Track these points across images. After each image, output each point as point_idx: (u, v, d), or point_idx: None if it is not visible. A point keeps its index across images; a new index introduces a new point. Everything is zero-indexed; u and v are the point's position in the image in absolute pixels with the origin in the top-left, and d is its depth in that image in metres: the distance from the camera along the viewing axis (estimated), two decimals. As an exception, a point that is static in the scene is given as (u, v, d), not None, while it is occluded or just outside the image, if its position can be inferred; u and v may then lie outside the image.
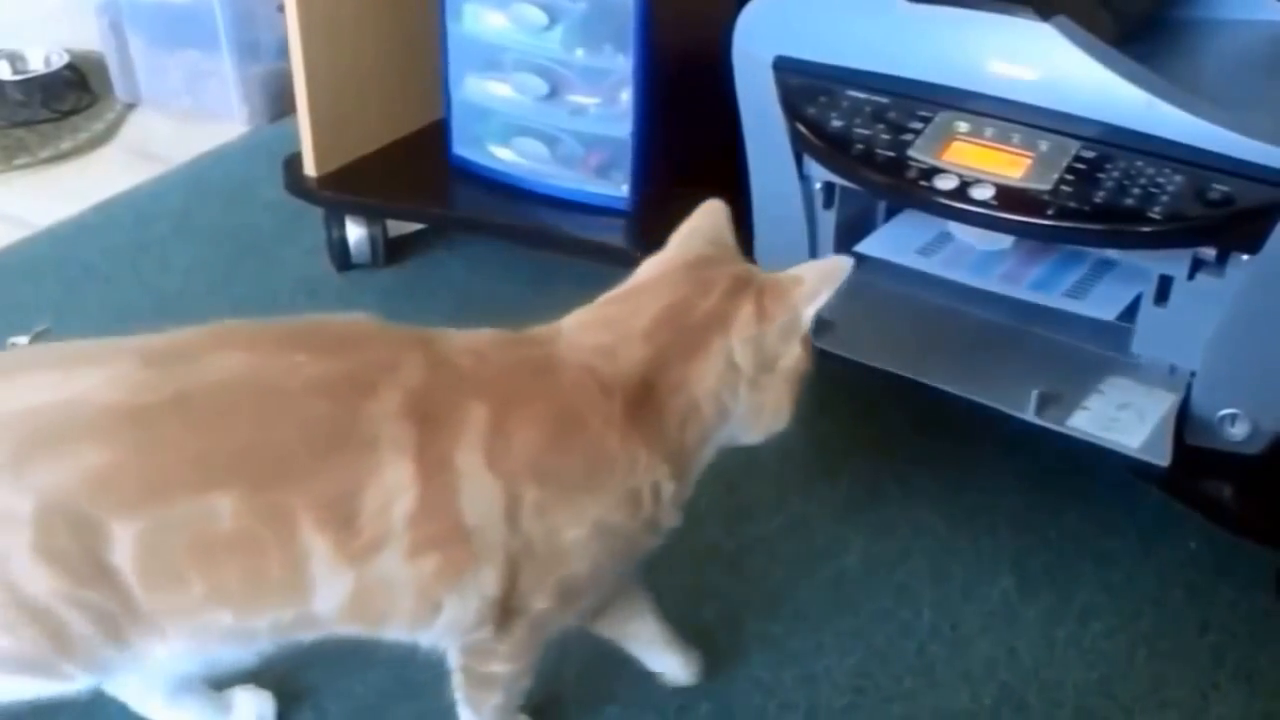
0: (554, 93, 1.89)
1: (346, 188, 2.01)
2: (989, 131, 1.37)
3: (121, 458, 0.99)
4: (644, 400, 1.10)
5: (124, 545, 0.99)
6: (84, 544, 0.98)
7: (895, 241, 1.58)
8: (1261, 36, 1.51)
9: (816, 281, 1.14)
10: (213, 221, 2.24)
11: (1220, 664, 1.42)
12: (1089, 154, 1.33)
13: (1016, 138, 1.36)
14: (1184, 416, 1.42)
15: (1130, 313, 1.44)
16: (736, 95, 1.56)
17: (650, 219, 1.89)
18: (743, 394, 1.15)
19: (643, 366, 1.11)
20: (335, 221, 2.03)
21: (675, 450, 1.12)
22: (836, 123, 1.44)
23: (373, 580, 1.05)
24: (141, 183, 2.36)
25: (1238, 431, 1.40)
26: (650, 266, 1.21)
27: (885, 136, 1.40)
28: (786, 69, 1.49)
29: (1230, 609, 1.48)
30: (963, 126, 1.39)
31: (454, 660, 1.21)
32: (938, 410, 1.52)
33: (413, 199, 2.03)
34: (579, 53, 1.85)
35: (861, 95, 1.44)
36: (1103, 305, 1.44)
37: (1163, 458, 1.36)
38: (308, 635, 1.11)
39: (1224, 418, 1.40)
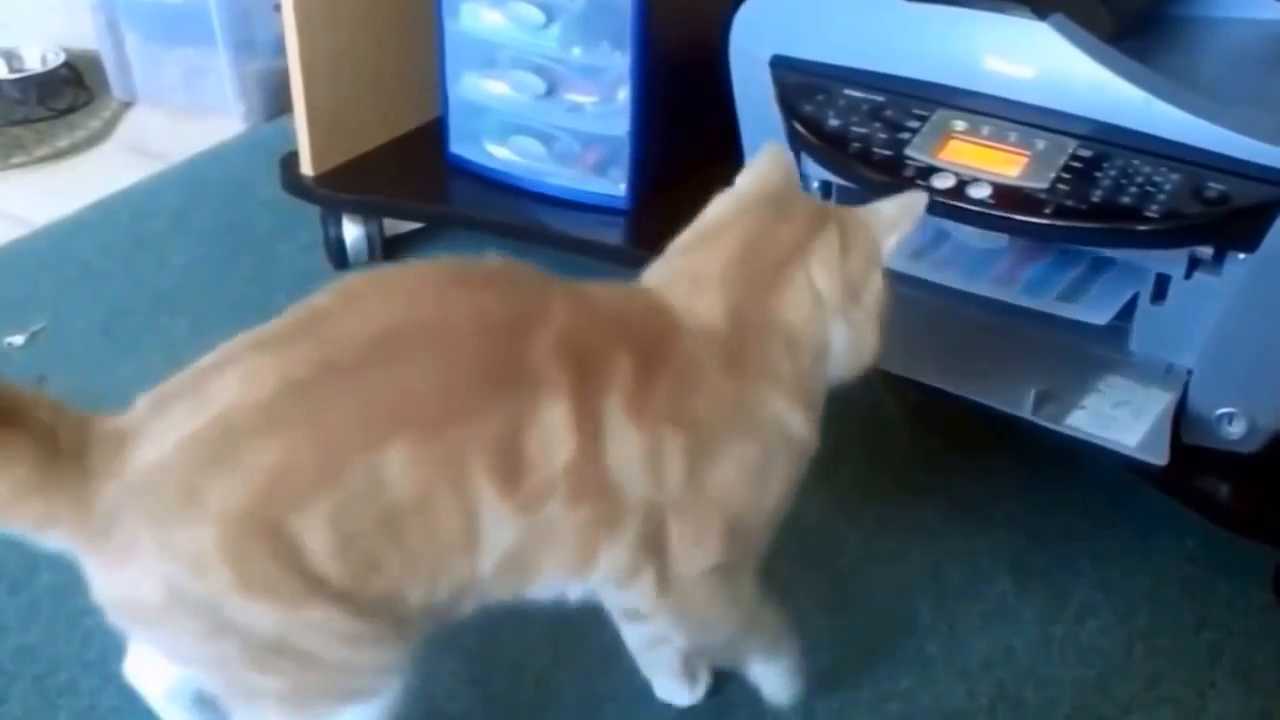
0: (551, 91, 1.89)
1: (343, 186, 2.01)
2: (986, 130, 1.38)
3: (286, 446, 0.95)
4: (745, 339, 1.12)
5: (317, 543, 0.96)
6: (282, 559, 0.95)
7: None
8: (1259, 35, 1.51)
9: (896, 213, 1.19)
10: (210, 219, 2.24)
11: (1217, 661, 1.42)
12: (1086, 152, 1.33)
13: (1013, 136, 1.36)
14: (1181, 415, 1.42)
15: (1125, 314, 1.44)
16: (734, 93, 1.56)
17: (648, 217, 1.90)
18: (833, 325, 1.16)
19: (734, 306, 1.12)
20: (332, 220, 2.03)
21: (789, 380, 1.14)
22: (833, 121, 1.44)
23: (536, 530, 1.04)
24: (138, 180, 2.35)
25: (1235, 430, 1.41)
26: (724, 202, 1.22)
27: (882, 135, 1.41)
28: (784, 67, 1.50)
29: (1227, 606, 1.48)
30: (959, 125, 1.39)
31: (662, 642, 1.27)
32: (935, 408, 1.52)
33: (410, 197, 2.03)
34: (576, 51, 1.85)
35: (858, 94, 1.45)
36: (1096, 309, 1.44)
37: (1160, 457, 1.37)
38: (460, 610, 1.09)
39: (1221, 416, 1.41)
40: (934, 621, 1.47)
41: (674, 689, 1.35)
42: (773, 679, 1.31)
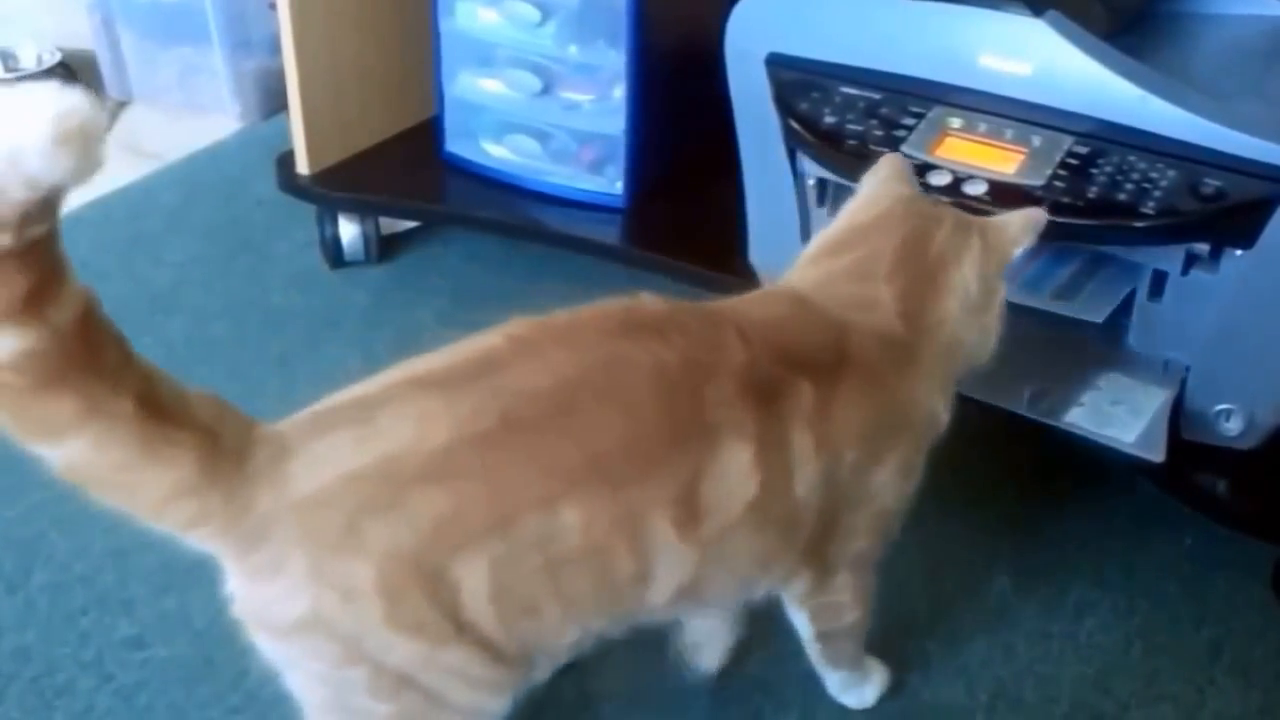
0: (547, 89, 1.90)
1: (339, 185, 2.02)
2: (982, 127, 1.38)
3: (457, 498, 0.95)
4: (918, 340, 1.16)
5: (475, 587, 0.96)
6: (437, 602, 0.95)
7: None
8: (1256, 31, 1.52)
9: (1025, 227, 1.22)
10: (206, 218, 2.24)
11: (1216, 658, 1.43)
12: (1082, 149, 1.33)
13: (1009, 133, 1.37)
14: (1179, 411, 1.43)
15: (1123, 311, 1.44)
16: (729, 91, 1.57)
17: (645, 215, 1.91)
18: (970, 323, 1.20)
19: (902, 309, 1.16)
20: (328, 218, 2.03)
21: (945, 380, 1.20)
22: (829, 119, 1.44)
23: (713, 561, 1.05)
24: (134, 180, 2.36)
25: (1233, 426, 1.41)
26: (864, 207, 1.24)
27: (878, 132, 1.41)
28: (779, 65, 1.50)
29: (1226, 602, 1.49)
30: (955, 122, 1.39)
31: (807, 632, 1.28)
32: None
33: (405, 196, 2.03)
34: (572, 49, 1.86)
35: (854, 91, 1.45)
36: (1092, 307, 1.44)
37: (1157, 454, 1.37)
38: (617, 630, 1.10)
39: (1219, 413, 1.41)
40: (933, 620, 1.48)
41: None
42: (853, 680, 1.36)
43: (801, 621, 1.28)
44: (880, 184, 1.25)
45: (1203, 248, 1.33)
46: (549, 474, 0.97)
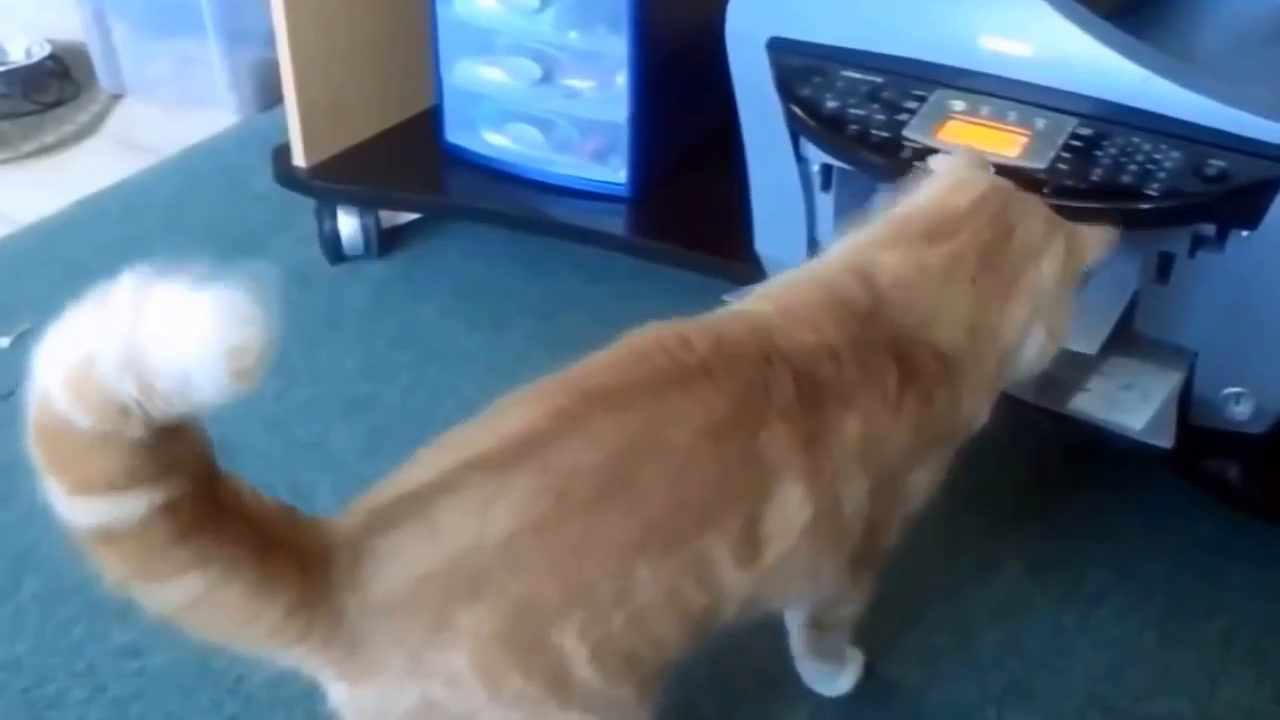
0: (548, 76, 1.95)
1: (337, 178, 2.08)
2: (985, 110, 1.44)
3: (532, 580, 0.99)
4: (975, 351, 1.19)
5: (572, 652, 1.01)
6: (535, 675, 1.01)
7: None
8: (1259, 10, 1.56)
9: (1104, 240, 1.26)
10: (202, 214, 2.30)
11: (1230, 647, 1.48)
12: (1086, 131, 1.39)
13: (1012, 116, 1.42)
14: (1188, 396, 1.48)
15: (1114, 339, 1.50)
16: (731, 77, 1.62)
17: (650, 204, 1.96)
18: (1037, 328, 1.23)
19: (973, 319, 1.19)
20: (327, 212, 2.09)
21: (995, 387, 1.24)
22: (831, 103, 1.50)
23: (773, 581, 1.12)
24: (129, 176, 2.42)
25: (1242, 411, 1.46)
26: (955, 190, 1.25)
27: (880, 117, 1.46)
28: (781, 49, 1.55)
29: (1240, 590, 1.54)
30: (958, 105, 1.45)
31: (800, 618, 1.34)
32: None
33: (405, 188, 2.09)
34: (572, 35, 1.91)
35: (856, 75, 1.51)
36: (1083, 335, 1.47)
37: (1167, 439, 1.42)
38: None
39: (1228, 397, 1.46)
40: (944, 612, 1.53)
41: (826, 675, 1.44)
42: (833, 671, 1.42)
43: (796, 610, 1.33)
44: (966, 169, 1.28)
45: (1209, 229, 1.38)
46: (614, 547, 1.02)
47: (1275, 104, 1.32)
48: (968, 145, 1.35)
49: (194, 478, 0.88)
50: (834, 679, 1.43)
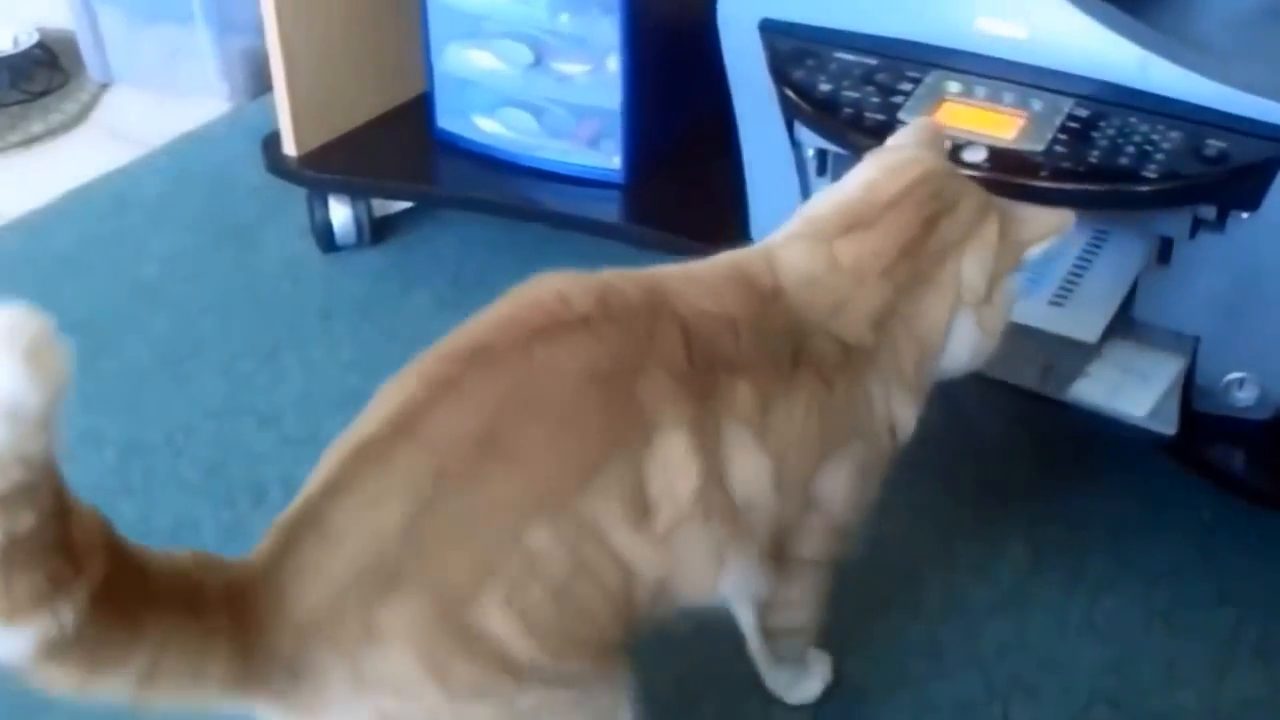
0: (539, 61, 1.96)
1: (328, 167, 2.08)
2: (980, 91, 1.44)
3: (436, 562, 0.99)
4: (886, 343, 1.18)
5: (504, 629, 1.00)
6: (477, 656, 1.00)
7: None
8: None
9: (1048, 224, 1.23)
10: (192, 206, 2.30)
11: (1237, 639, 1.48)
12: (1083, 112, 1.39)
13: (1009, 97, 1.42)
14: (1190, 382, 1.48)
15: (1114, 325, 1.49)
16: (724, 60, 1.63)
17: (645, 191, 1.96)
18: (964, 322, 1.21)
19: (881, 312, 1.17)
20: (318, 202, 2.10)
21: (911, 383, 1.21)
22: (825, 86, 1.50)
23: (673, 558, 1.09)
24: (118, 167, 2.42)
25: (1246, 396, 1.46)
26: (886, 176, 1.22)
27: (875, 99, 1.46)
28: (773, 31, 1.55)
29: (1247, 579, 1.54)
30: (954, 87, 1.45)
31: (753, 625, 1.33)
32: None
33: (397, 176, 2.10)
34: (564, 18, 1.92)
35: (850, 57, 1.51)
36: (1084, 321, 1.48)
37: (1170, 425, 1.43)
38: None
39: (1231, 382, 1.46)
40: (945, 605, 1.53)
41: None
42: (795, 678, 1.41)
43: (747, 617, 1.33)
44: (912, 149, 1.26)
45: (1209, 211, 1.38)
46: (502, 513, 1.01)
47: (1275, 83, 1.32)
48: (925, 119, 1.34)
49: (106, 557, 0.88)
50: (796, 686, 1.42)
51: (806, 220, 1.22)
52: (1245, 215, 1.36)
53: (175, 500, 1.72)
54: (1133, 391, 1.45)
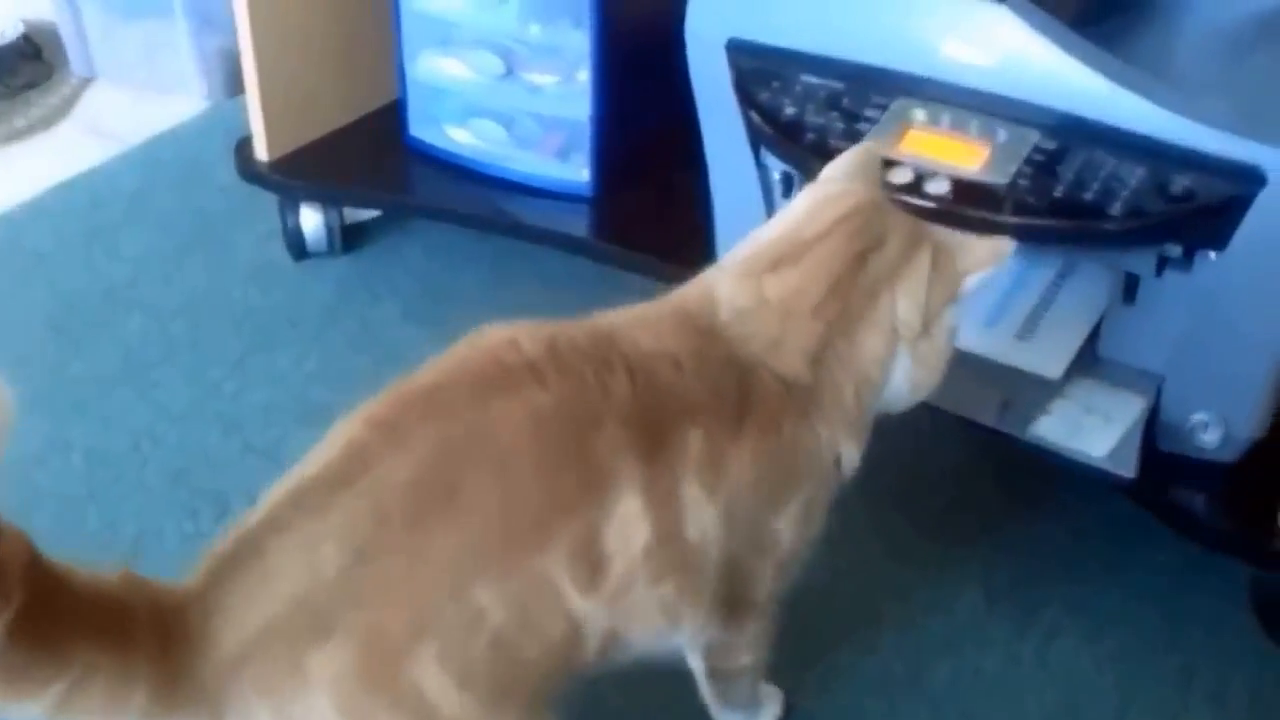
0: (510, 71, 1.91)
1: (300, 173, 2.04)
2: (946, 120, 1.39)
3: (372, 612, 0.96)
4: (825, 383, 1.15)
5: (437, 684, 0.98)
6: (405, 708, 0.98)
7: None
8: (1237, 16, 1.51)
9: (984, 255, 1.19)
10: (167, 205, 2.27)
11: (1190, 683, 1.44)
12: (1049, 144, 1.34)
13: (975, 127, 1.37)
14: (1154, 422, 1.44)
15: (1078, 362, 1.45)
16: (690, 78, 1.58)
17: (613, 205, 1.92)
18: (902, 357, 1.18)
19: (817, 349, 1.14)
20: (290, 208, 2.06)
21: (854, 420, 1.18)
22: (789, 110, 1.45)
23: (624, 612, 1.07)
24: (96, 163, 2.39)
25: (1210, 438, 1.42)
26: (815, 211, 1.19)
27: (839, 125, 1.42)
28: (740, 52, 1.51)
29: (1202, 624, 1.49)
30: (919, 115, 1.40)
31: (700, 667, 1.30)
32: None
33: (368, 185, 2.06)
34: (535, 29, 1.87)
35: (816, 80, 1.46)
36: (1048, 355, 1.44)
37: (1129, 469, 1.39)
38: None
39: (1196, 424, 1.42)
40: (899, 640, 1.49)
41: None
42: (747, 716, 1.38)
43: (694, 658, 1.29)
44: (845, 180, 1.23)
45: (1175, 249, 1.34)
46: (445, 566, 0.98)
47: (1244, 121, 1.27)
48: (862, 145, 1.29)
49: (29, 582, 0.86)
50: None
51: (740, 256, 1.20)
52: (1213, 254, 1.31)
53: (140, 509, 1.70)
54: (1093, 432, 1.41)
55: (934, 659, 1.47)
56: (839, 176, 1.24)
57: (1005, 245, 1.20)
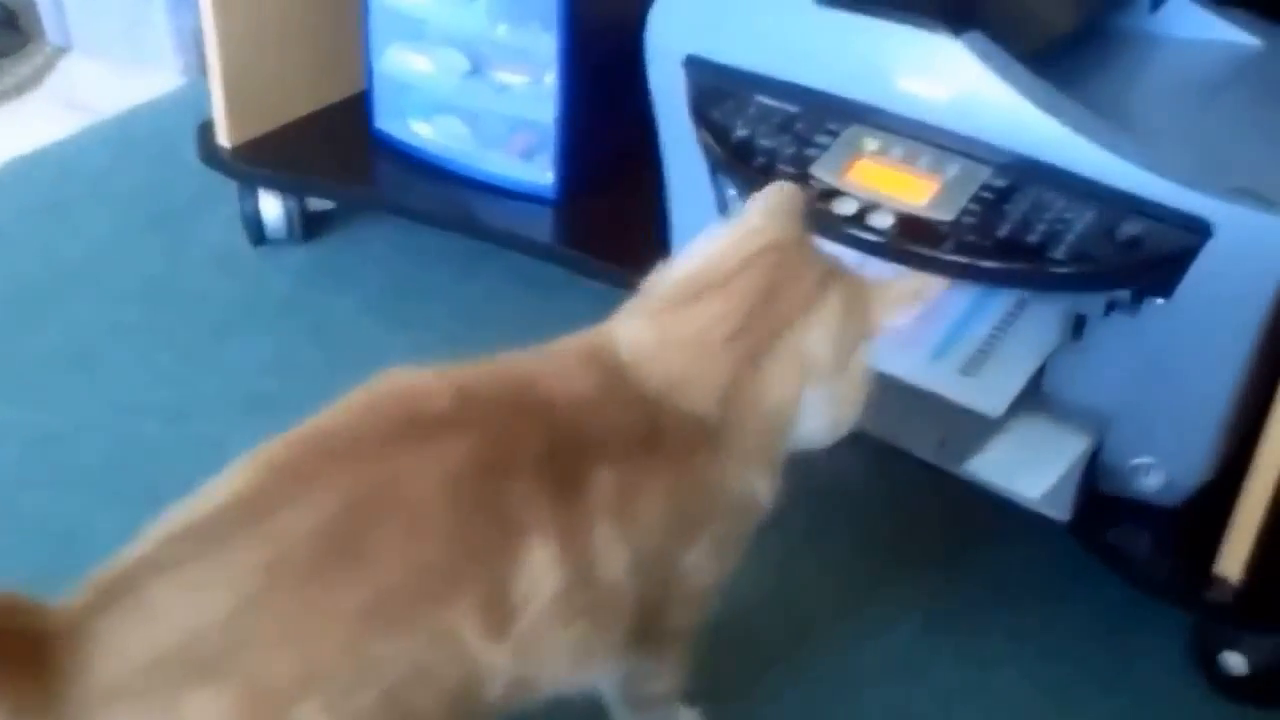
0: (477, 70, 1.89)
1: (262, 159, 2.01)
2: (897, 151, 1.37)
3: (258, 660, 0.94)
4: (734, 422, 1.12)
5: None
6: None
7: None
8: (1204, 59, 1.49)
9: (904, 294, 1.16)
10: (132, 183, 2.24)
11: (1124, 723, 1.42)
12: (999, 182, 1.32)
13: (925, 160, 1.36)
14: (1097, 464, 1.42)
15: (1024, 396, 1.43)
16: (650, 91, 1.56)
17: (576, 210, 1.90)
18: (817, 393, 1.15)
19: (726, 386, 1.11)
20: (249, 193, 2.03)
21: (765, 456, 1.16)
22: (741, 131, 1.43)
23: (533, 658, 1.06)
24: (65, 136, 2.36)
25: (1152, 482, 1.41)
26: (723, 242, 1.18)
27: (789, 150, 1.40)
28: (697, 68, 1.49)
29: (1142, 664, 1.48)
30: (871, 144, 1.38)
31: (614, 695, 1.27)
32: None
33: (330, 176, 2.02)
34: (502, 29, 1.85)
35: (771, 102, 1.44)
36: (991, 392, 1.40)
37: (1063, 512, 1.37)
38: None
39: (1137, 467, 1.41)
40: (832, 665, 1.47)
41: None
42: None
43: (609, 687, 1.28)
44: (762, 217, 1.20)
45: (1124, 293, 1.32)
46: (342, 621, 0.96)
47: (1195, 171, 1.25)
48: (785, 184, 1.24)
49: None
50: None
51: (649, 295, 1.18)
52: (1160, 300, 1.29)
53: (76, 498, 1.67)
54: (1029, 472, 1.39)
55: (865, 688, 1.45)
56: (758, 213, 1.20)
57: (927, 286, 1.17)
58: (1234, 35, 1.52)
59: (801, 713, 1.43)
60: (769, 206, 1.21)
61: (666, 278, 1.18)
